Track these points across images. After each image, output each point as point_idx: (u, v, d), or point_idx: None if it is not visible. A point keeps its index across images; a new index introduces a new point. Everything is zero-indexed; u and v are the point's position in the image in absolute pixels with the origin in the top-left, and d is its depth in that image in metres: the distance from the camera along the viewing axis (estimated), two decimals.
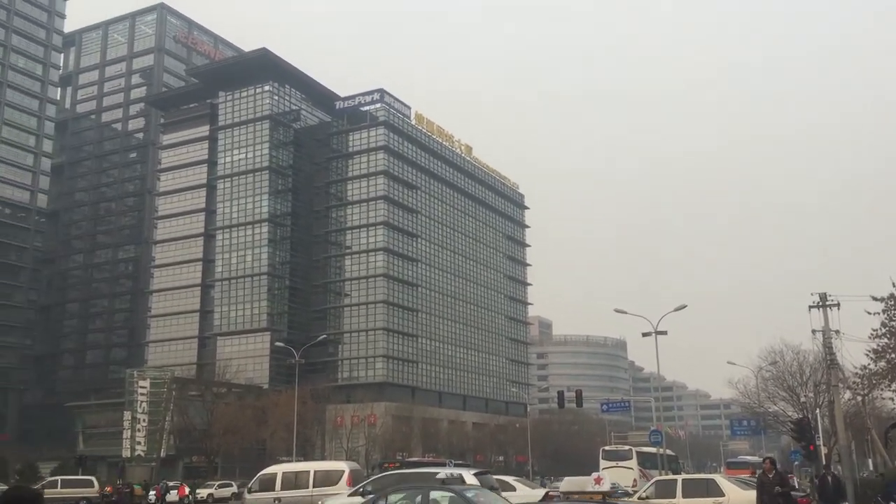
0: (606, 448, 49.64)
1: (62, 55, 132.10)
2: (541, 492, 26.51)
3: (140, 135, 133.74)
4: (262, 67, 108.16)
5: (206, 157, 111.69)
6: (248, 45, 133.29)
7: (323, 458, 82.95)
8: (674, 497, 21.95)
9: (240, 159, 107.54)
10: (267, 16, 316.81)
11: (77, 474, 55.87)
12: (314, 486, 26.06)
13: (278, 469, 28.66)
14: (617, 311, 50.28)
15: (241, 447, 73.41)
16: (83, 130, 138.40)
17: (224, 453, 73.42)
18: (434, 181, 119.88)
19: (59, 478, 46.59)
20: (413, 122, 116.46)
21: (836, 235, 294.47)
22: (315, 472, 27.39)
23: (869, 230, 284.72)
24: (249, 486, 28.65)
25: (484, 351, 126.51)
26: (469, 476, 20.87)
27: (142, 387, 74.24)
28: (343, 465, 28.52)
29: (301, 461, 52.31)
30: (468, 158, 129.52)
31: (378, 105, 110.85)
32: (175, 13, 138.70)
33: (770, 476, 18.09)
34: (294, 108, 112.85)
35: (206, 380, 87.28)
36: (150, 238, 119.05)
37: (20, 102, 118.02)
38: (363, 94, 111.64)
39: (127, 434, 73.01)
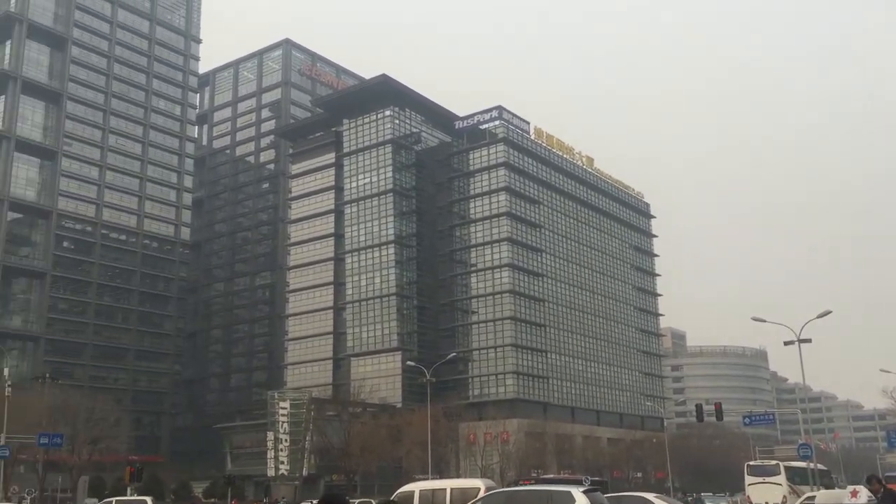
0: (752, 463, 47.39)
1: (198, 95, 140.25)
2: None
3: (271, 166, 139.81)
4: (383, 93, 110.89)
5: (333, 183, 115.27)
6: (367, 71, 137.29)
7: (458, 476, 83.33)
8: None
9: (365, 184, 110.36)
10: (384, 42, 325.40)
11: (227, 493, 58.52)
12: None
13: (416, 487, 28.85)
14: (755, 319, 48.19)
15: (378, 465, 74.88)
16: (219, 165, 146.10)
17: (362, 471, 75.02)
18: (556, 195, 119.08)
19: (113, 499, 48.44)
20: (532, 137, 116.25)
21: None
22: (452, 489, 27.41)
23: None
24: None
25: (616, 365, 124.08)
26: (578, 494, 20.55)
27: (282, 408, 77.04)
28: (479, 483, 28.40)
29: (437, 479, 52.70)
30: (590, 170, 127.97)
31: (497, 122, 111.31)
32: (299, 47, 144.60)
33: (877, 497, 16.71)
34: (415, 130, 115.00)
35: (342, 400, 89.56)
36: (284, 264, 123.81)
37: (162, 142, 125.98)
38: (481, 113, 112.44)
39: (270, 454, 75.84)
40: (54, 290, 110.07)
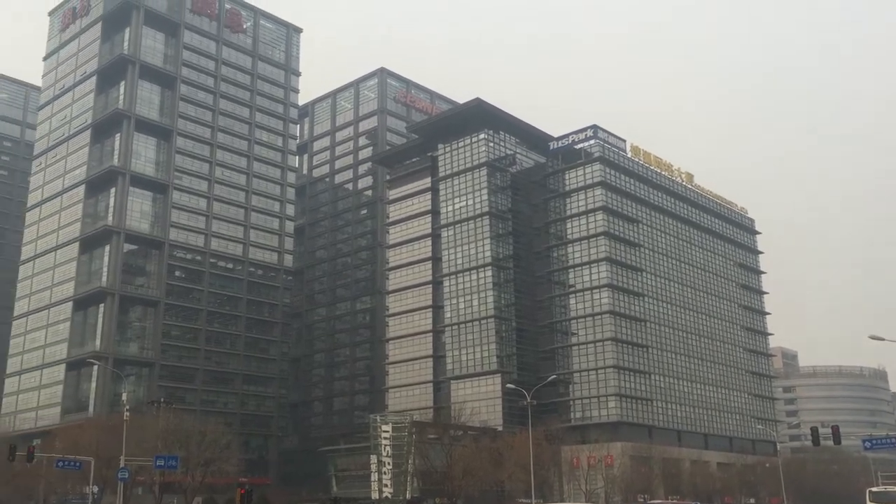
0: (874, 490, 44.94)
1: (298, 126, 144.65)
2: None
3: (369, 192, 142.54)
4: (477, 117, 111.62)
5: (429, 207, 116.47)
6: (461, 96, 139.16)
7: (562, 500, 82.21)
8: None
9: (461, 207, 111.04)
10: (476, 66, 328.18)
11: None
12: None
13: None
14: (873, 337, 45.88)
15: (480, 489, 74.63)
16: (319, 193, 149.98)
17: (465, 495, 74.86)
18: (655, 213, 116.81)
19: None
20: (629, 155, 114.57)
21: None
22: None
23: None
24: None
25: (723, 386, 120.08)
26: None
27: (384, 431, 77.74)
28: None
29: (540, 503, 52.09)
30: (690, 186, 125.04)
31: (592, 141, 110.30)
32: (394, 75, 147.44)
33: None
34: (509, 152, 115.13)
35: (442, 423, 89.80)
36: (383, 288, 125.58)
37: (265, 173, 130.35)
38: (576, 132, 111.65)
39: (374, 476, 76.56)
40: (167, 317, 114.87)
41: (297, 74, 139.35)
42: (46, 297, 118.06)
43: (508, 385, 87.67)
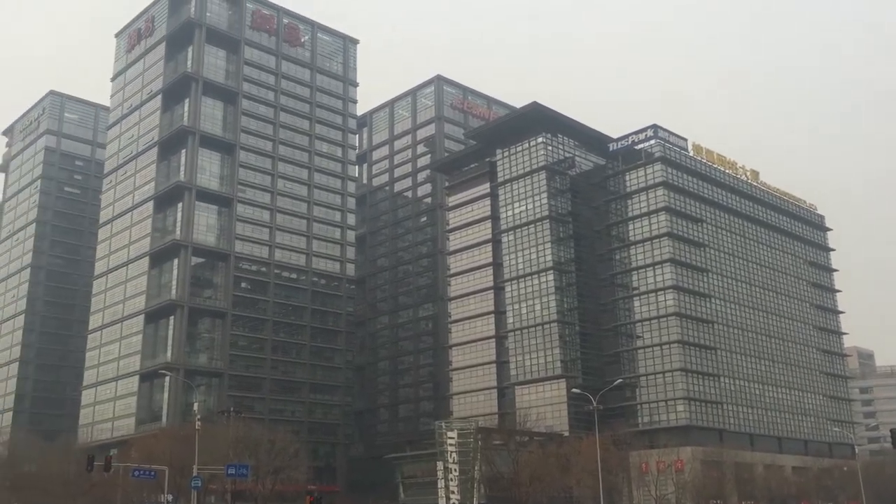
0: None
1: (357, 136, 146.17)
2: None
3: (429, 199, 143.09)
4: (534, 120, 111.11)
5: (489, 213, 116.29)
6: (517, 100, 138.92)
7: None
8: None
9: (521, 211, 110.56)
10: (532, 69, 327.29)
11: None
12: None
13: None
14: None
15: (548, 495, 74.04)
16: (379, 202, 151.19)
17: (533, 501, 74.30)
18: (720, 212, 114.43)
19: None
20: (691, 154, 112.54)
21: None
22: None
23: None
24: None
25: (796, 388, 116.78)
26: None
27: (450, 437, 77.73)
28: None
29: None
30: (755, 184, 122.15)
31: (652, 141, 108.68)
32: (450, 82, 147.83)
33: None
34: (568, 155, 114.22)
35: (508, 429, 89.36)
36: (445, 295, 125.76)
37: (326, 183, 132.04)
38: (636, 133, 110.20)
39: (441, 483, 76.58)
40: (234, 328, 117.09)
41: (355, 85, 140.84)
42: (119, 311, 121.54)
43: (574, 390, 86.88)
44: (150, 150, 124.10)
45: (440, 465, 77.53)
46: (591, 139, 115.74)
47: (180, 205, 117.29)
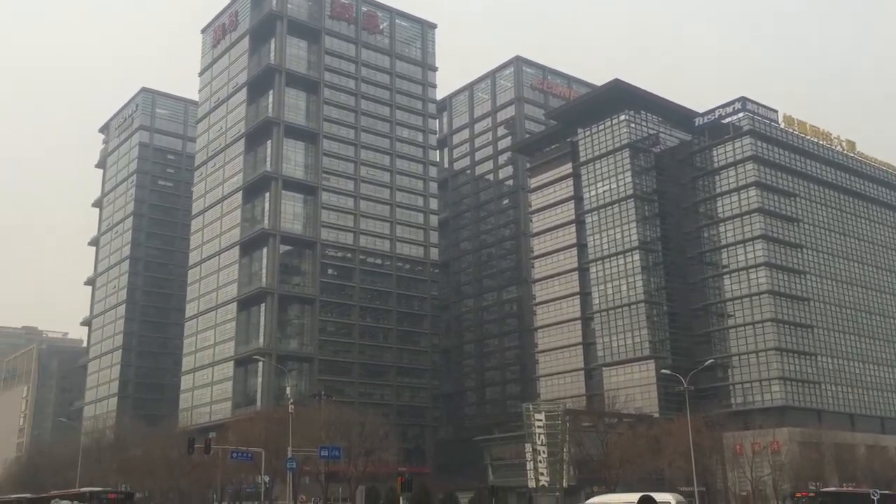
0: None
1: (437, 121, 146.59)
2: None
3: (510, 182, 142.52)
4: (616, 98, 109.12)
5: (572, 193, 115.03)
6: (597, 78, 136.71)
7: (725, 489, 79.46)
8: None
9: (604, 191, 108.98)
10: (612, 46, 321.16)
11: None
12: None
13: (603, 500, 29.98)
14: None
15: (638, 477, 73.15)
16: (461, 185, 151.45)
17: (623, 483, 73.62)
18: (814, 185, 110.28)
19: None
20: (782, 126, 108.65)
21: None
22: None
23: None
24: None
25: None
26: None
27: (538, 420, 77.66)
28: (669, 497, 28.84)
29: (703, 491, 50.51)
30: (852, 155, 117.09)
31: (741, 115, 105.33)
32: (530, 63, 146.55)
33: None
34: (651, 132, 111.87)
35: (596, 410, 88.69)
36: (529, 277, 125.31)
37: (408, 169, 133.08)
38: (723, 106, 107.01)
39: (530, 465, 76.66)
40: (323, 313, 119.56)
41: (434, 70, 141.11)
42: (213, 299, 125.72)
43: (663, 371, 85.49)
44: (238, 142, 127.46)
45: (528, 447, 77.58)
46: (675, 115, 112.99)
47: (267, 194, 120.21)
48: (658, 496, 29.67)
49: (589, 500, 29.99)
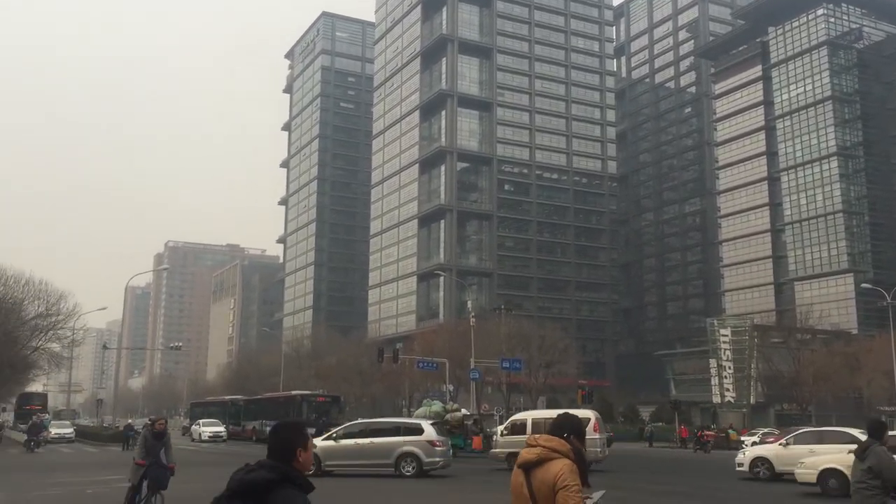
0: None
1: (613, 28, 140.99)
2: None
3: (692, 89, 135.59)
4: None
5: (761, 98, 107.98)
6: None
7: None
8: None
9: (798, 94, 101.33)
10: None
11: (673, 418, 59.54)
12: None
13: (528, 416, 30.47)
14: None
15: (834, 395, 69.76)
16: (639, 95, 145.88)
17: (816, 401, 70.53)
18: None
19: None
20: None
21: None
22: None
23: None
24: (502, 430, 30.91)
25: None
26: (427, 426, 26.63)
27: (723, 335, 75.38)
28: (589, 413, 29.81)
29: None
30: None
31: None
32: None
33: None
34: (854, 26, 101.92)
35: (787, 326, 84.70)
36: (713, 188, 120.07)
37: (584, 80, 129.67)
38: None
39: (714, 381, 75.02)
40: (500, 229, 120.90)
41: None
42: (395, 216, 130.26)
43: (863, 285, 79.85)
44: (413, 61, 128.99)
45: (713, 362, 75.74)
46: (882, 5, 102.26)
47: (443, 112, 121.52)
48: (578, 412, 31.76)
49: (512, 417, 32.02)
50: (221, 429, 58.97)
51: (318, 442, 25.60)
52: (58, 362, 68.29)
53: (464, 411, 48.40)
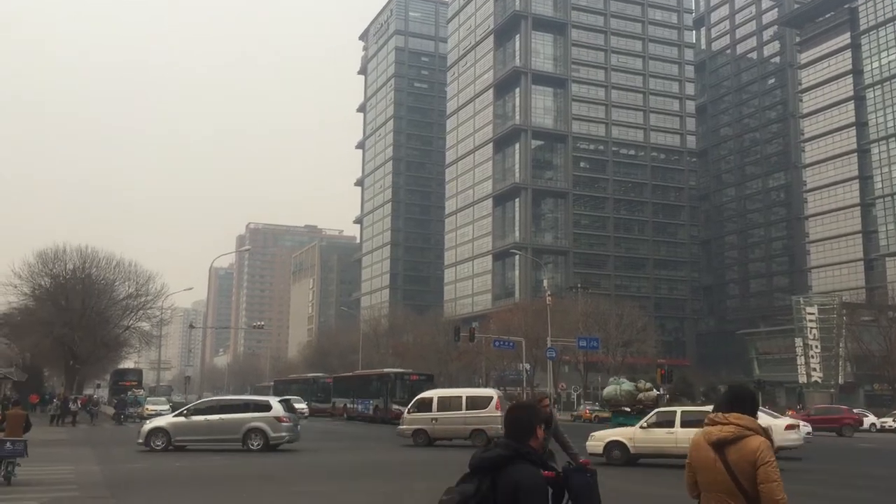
0: None
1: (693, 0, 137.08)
2: None
3: (776, 59, 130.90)
4: None
5: (850, 67, 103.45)
6: None
7: None
8: None
9: (889, 62, 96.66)
10: None
11: (761, 398, 58.08)
12: (466, 409, 29.54)
13: (434, 394, 31.63)
14: None
15: None
16: (719, 67, 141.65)
17: None
18: None
19: None
20: None
21: None
22: (467, 397, 30.84)
23: None
24: (408, 408, 31.66)
25: None
26: (275, 403, 27.13)
27: (809, 313, 73.19)
28: (492, 392, 31.88)
29: None
30: None
31: None
32: None
33: None
34: None
35: (877, 304, 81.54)
36: (798, 162, 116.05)
37: (661, 53, 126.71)
38: None
39: (801, 360, 72.95)
40: (576, 207, 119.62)
41: None
42: (470, 196, 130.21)
43: None
44: (487, 38, 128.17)
45: (799, 341, 73.61)
46: None
47: (517, 90, 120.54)
48: (482, 391, 36.04)
49: (417, 396, 32.51)
50: (303, 405, 60.35)
51: (170, 418, 27.05)
52: (147, 340, 70.85)
53: (656, 392, 45.23)
